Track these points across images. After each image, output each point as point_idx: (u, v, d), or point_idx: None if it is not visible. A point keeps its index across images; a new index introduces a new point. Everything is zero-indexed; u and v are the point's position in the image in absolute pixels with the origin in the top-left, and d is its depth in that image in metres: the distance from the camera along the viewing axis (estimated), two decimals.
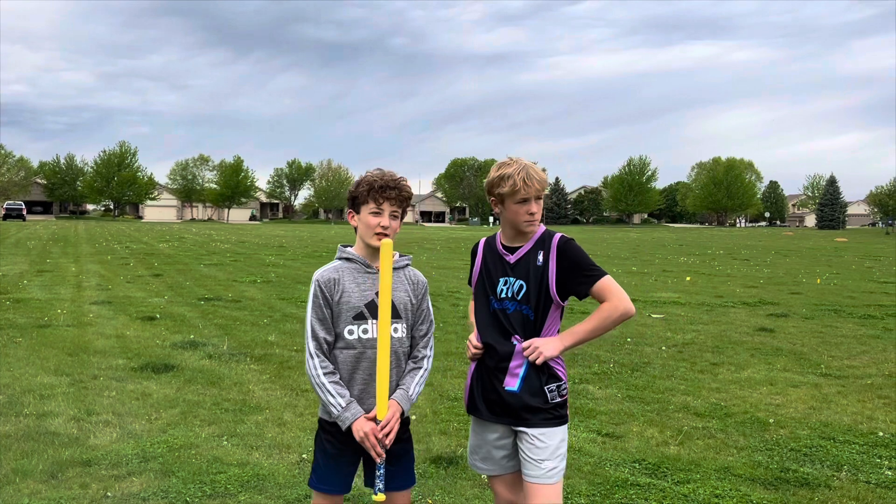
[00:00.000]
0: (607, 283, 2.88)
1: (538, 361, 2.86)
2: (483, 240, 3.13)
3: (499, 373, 2.95)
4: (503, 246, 3.01)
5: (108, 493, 4.26)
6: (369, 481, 2.86)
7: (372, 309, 2.82)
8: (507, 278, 2.95)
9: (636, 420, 5.89)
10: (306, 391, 6.64)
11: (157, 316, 10.90)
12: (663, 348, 8.93)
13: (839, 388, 7.05)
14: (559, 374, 2.95)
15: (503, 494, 3.10)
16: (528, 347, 2.88)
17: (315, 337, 2.78)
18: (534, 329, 2.92)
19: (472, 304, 3.24)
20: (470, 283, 3.16)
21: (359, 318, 2.81)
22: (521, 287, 2.92)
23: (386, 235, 2.79)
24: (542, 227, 3.00)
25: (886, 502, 4.35)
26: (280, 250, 29.81)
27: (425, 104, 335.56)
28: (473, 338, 3.04)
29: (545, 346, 2.87)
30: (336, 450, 2.84)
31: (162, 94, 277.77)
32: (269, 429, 5.53)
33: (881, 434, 5.58)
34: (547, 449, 2.88)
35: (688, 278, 19.09)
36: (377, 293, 2.80)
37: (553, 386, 2.92)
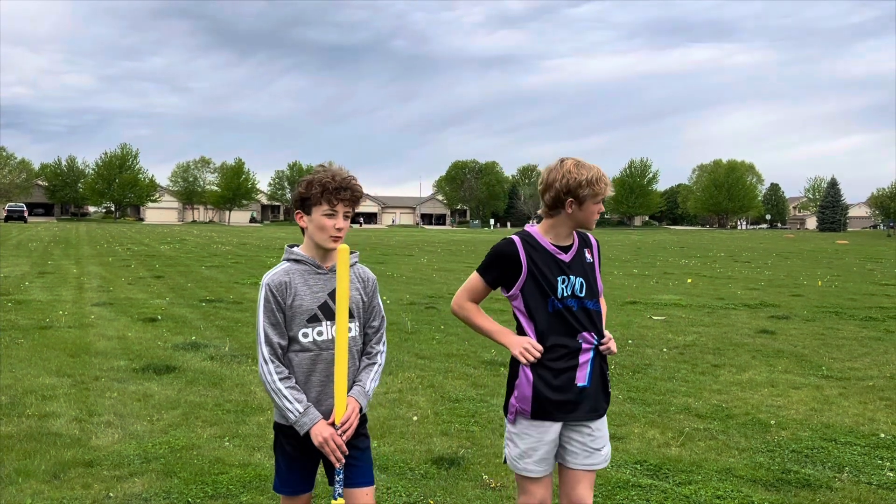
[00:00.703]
0: None
1: (614, 351, 3.08)
2: (517, 240, 3.03)
3: (570, 371, 3.00)
4: (555, 246, 3.03)
5: (111, 494, 4.27)
6: (332, 480, 2.84)
7: (325, 310, 2.79)
8: (563, 277, 2.99)
9: (637, 421, 5.89)
10: None
11: (159, 317, 10.91)
12: (664, 350, 8.94)
13: (840, 389, 7.05)
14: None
15: (539, 494, 3.06)
16: (610, 340, 3.07)
17: (269, 342, 2.73)
18: (601, 320, 3.09)
19: (474, 307, 3.14)
20: (496, 285, 3.08)
21: (313, 320, 2.77)
22: (582, 284, 3.02)
23: (340, 237, 2.77)
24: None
25: (888, 503, 4.35)
26: (281, 252, 29.70)
27: (426, 106, 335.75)
28: (535, 341, 2.98)
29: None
30: (297, 451, 2.82)
31: (163, 97, 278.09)
32: (270, 430, 5.51)
33: (882, 436, 5.59)
34: (604, 437, 3.10)
35: (689, 280, 19.09)
36: (330, 294, 2.79)
37: (608, 375, 3.13)
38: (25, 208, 79.16)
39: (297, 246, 2.89)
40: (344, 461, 2.72)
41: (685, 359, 8.44)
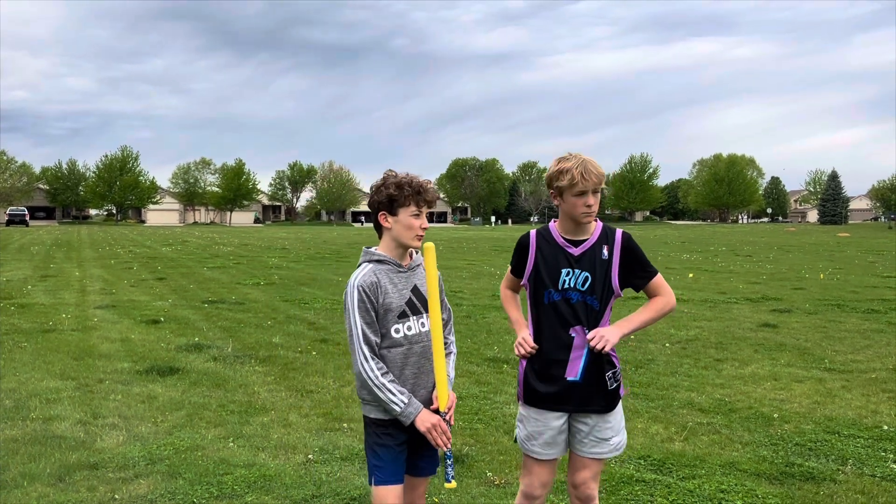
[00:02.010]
0: (661, 280, 3.16)
1: (606, 349, 2.97)
2: (534, 232, 3.19)
3: (560, 363, 3.06)
4: (564, 239, 3.10)
5: (116, 496, 4.29)
6: (408, 471, 3.00)
7: (411, 306, 2.94)
8: (569, 269, 3.05)
9: (641, 416, 5.90)
10: (311, 392, 6.66)
11: (162, 319, 10.92)
12: (667, 345, 8.94)
13: (843, 382, 7.05)
14: (614, 360, 3.13)
15: (544, 477, 3.16)
16: (595, 337, 2.98)
17: (367, 341, 2.84)
18: (597, 318, 3.07)
19: (509, 294, 3.35)
20: (516, 273, 3.24)
21: (402, 316, 2.92)
22: (586, 279, 3.04)
23: (423, 236, 2.95)
24: (600, 223, 3.16)
25: (892, 496, 4.35)
26: (283, 252, 29.84)
27: (427, 105, 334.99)
28: (528, 336, 3.11)
29: (609, 335, 2.99)
30: (395, 443, 2.93)
31: (164, 99, 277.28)
32: (274, 430, 5.55)
33: (886, 428, 5.59)
34: (613, 427, 3.13)
35: (690, 275, 19.08)
36: (412, 291, 2.96)
37: (610, 373, 3.10)
38: (27, 212, 79.31)
39: (374, 247, 2.99)
40: (450, 445, 2.87)
41: (687, 353, 8.44)
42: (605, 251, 3.08)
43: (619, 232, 3.13)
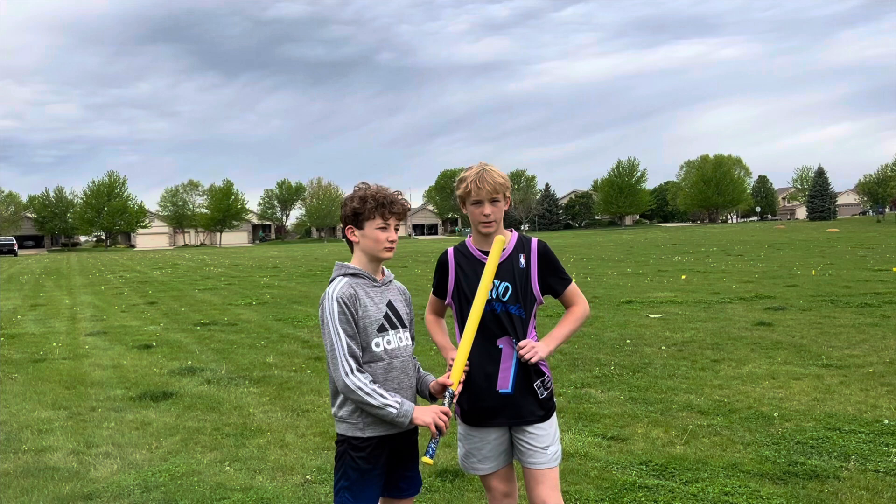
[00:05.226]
0: (576, 288, 3.19)
1: (533, 361, 2.95)
2: (450, 250, 3.19)
3: (490, 377, 3.02)
4: (481, 251, 3.09)
5: None
6: (388, 492, 2.93)
7: (389, 320, 2.90)
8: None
9: (640, 421, 5.86)
10: (307, 411, 6.59)
11: (154, 344, 10.83)
12: (663, 348, 8.91)
13: (841, 378, 7.03)
14: (542, 369, 3.09)
15: (499, 487, 3.15)
16: (525, 347, 2.96)
17: (352, 354, 2.77)
18: (523, 327, 3.05)
19: (433, 319, 3.30)
20: (440, 295, 3.20)
21: (381, 329, 2.87)
22: (506, 289, 3.03)
23: (393, 248, 2.92)
24: (515, 233, 3.16)
25: None
26: (274, 271, 29.73)
27: (414, 118, 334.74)
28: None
29: (538, 347, 2.99)
30: (368, 465, 2.84)
31: (151, 122, 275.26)
32: (271, 451, 5.48)
33: (886, 422, 5.56)
34: (547, 436, 3.06)
35: (683, 277, 19.10)
36: (388, 305, 2.92)
37: (539, 382, 3.06)
38: (15, 241, 78.76)
39: (347, 262, 2.96)
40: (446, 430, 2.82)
41: (684, 355, 8.41)
42: (523, 260, 3.09)
43: (534, 240, 3.16)
